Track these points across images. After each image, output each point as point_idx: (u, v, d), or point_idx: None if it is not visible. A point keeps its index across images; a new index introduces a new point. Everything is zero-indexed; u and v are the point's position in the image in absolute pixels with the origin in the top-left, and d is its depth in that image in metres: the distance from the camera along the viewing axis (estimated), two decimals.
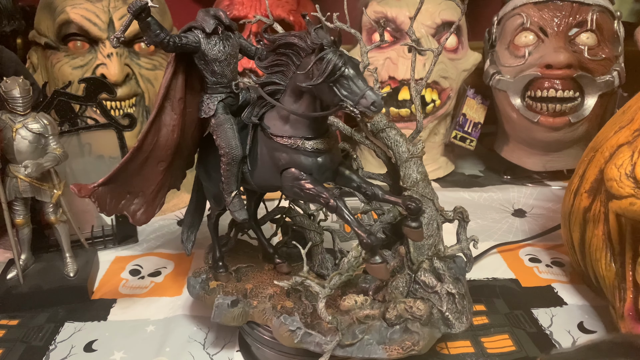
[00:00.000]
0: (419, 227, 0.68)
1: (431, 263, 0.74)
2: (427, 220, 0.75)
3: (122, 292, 0.97)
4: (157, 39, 0.67)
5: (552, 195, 1.34)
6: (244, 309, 0.75)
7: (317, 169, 0.68)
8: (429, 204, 0.76)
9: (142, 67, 1.20)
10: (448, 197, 1.35)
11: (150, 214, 0.82)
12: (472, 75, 1.46)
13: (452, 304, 0.72)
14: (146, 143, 0.74)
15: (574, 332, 0.84)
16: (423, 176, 0.77)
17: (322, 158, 0.67)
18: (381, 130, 0.78)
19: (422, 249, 0.75)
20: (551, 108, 1.28)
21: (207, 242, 1.13)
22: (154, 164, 0.77)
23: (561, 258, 1.05)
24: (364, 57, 0.79)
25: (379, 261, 0.63)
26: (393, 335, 0.68)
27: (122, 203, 0.78)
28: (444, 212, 0.77)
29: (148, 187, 0.79)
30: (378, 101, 0.59)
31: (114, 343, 0.83)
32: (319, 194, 0.66)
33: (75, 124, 1.05)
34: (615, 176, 0.76)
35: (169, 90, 0.73)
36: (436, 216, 0.76)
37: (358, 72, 0.61)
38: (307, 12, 0.71)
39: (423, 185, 0.76)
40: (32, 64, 1.25)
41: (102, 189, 0.75)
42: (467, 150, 1.48)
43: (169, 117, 0.74)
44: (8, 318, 0.89)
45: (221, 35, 0.71)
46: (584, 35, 1.28)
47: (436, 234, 0.75)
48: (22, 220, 0.93)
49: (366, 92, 0.59)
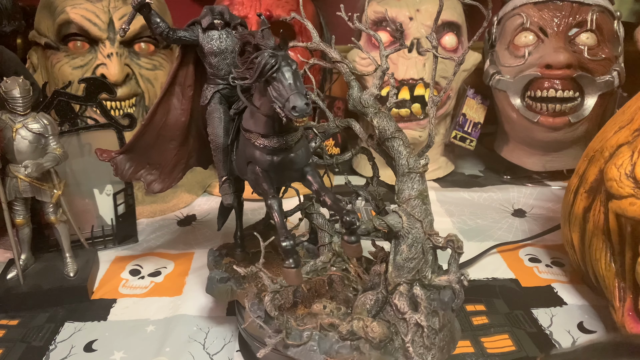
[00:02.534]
0: (353, 242, 0.68)
1: (410, 288, 0.69)
2: (411, 242, 0.69)
3: (122, 292, 0.97)
4: (157, 31, 0.74)
5: (552, 195, 1.34)
6: (232, 288, 0.78)
7: (271, 166, 0.69)
8: (416, 225, 0.69)
9: (142, 67, 1.20)
10: (448, 197, 1.35)
11: (165, 185, 0.88)
12: (472, 75, 1.47)
13: (419, 337, 0.66)
14: (155, 120, 0.82)
15: (574, 332, 0.84)
16: (419, 194, 0.70)
17: (277, 157, 0.69)
18: (387, 139, 0.73)
19: (401, 271, 0.69)
20: (551, 108, 1.28)
21: (207, 242, 1.14)
22: (166, 141, 0.84)
23: (561, 258, 1.05)
24: (383, 61, 0.76)
25: (291, 265, 0.65)
26: (341, 349, 0.66)
27: (141, 172, 0.86)
28: (433, 236, 0.69)
29: (164, 161, 0.86)
30: (299, 106, 0.59)
31: (114, 343, 0.83)
32: (264, 191, 0.69)
33: (75, 124, 1.05)
34: (615, 176, 0.76)
35: (176, 76, 0.80)
36: (422, 239, 0.69)
37: (292, 75, 0.61)
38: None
39: (415, 204, 0.69)
40: (32, 64, 1.25)
41: (123, 157, 0.85)
42: (467, 150, 1.48)
43: (178, 101, 0.81)
44: (8, 318, 0.89)
45: (220, 30, 0.76)
46: (583, 35, 1.28)
47: (420, 258, 0.69)
48: (22, 220, 0.93)
49: (290, 96, 0.60)
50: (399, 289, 0.69)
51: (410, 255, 0.69)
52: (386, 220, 0.69)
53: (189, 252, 1.10)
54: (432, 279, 0.70)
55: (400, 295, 0.68)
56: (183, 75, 0.80)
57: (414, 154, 0.72)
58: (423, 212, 0.70)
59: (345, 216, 0.67)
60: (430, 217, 0.70)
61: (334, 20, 1.47)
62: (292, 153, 0.69)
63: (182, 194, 1.33)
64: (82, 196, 1.10)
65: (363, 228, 0.71)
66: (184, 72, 0.80)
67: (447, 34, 1.36)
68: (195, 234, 1.18)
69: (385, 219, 0.69)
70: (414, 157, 0.71)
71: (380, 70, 0.75)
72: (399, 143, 0.72)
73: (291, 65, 0.62)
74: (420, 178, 0.71)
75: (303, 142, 0.71)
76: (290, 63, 0.62)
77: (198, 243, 1.14)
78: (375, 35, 0.78)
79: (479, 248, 1.07)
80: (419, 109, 1.34)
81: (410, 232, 0.69)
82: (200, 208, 1.32)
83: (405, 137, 0.73)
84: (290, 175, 0.72)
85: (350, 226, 0.67)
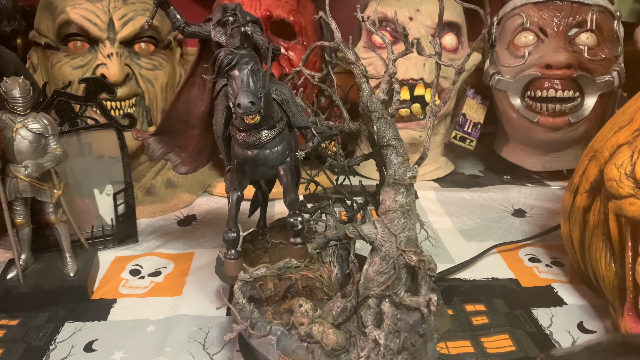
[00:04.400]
0: (296, 244, 0.71)
1: (379, 303, 0.67)
2: (383, 255, 0.67)
3: (122, 292, 0.97)
4: (174, 25, 0.78)
5: (552, 195, 1.34)
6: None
7: (245, 161, 0.73)
8: (391, 239, 0.67)
9: (142, 67, 1.20)
10: (448, 197, 1.35)
11: (191, 168, 0.92)
12: (472, 75, 1.47)
13: (375, 354, 0.64)
14: (177, 107, 0.87)
15: (574, 332, 0.84)
16: (399, 206, 0.67)
17: (251, 152, 0.72)
18: (382, 146, 0.71)
19: (370, 283, 0.68)
20: (551, 108, 1.28)
21: (207, 242, 1.14)
22: (190, 128, 0.89)
23: (561, 258, 1.05)
24: (390, 65, 0.75)
25: (230, 256, 0.72)
26: (298, 349, 0.67)
27: (170, 153, 0.91)
28: (407, 253, 0.66)
29: (189, 146, 0.91)
30: (243, 104, 0.63)
31: (114, 343, 0.83)
32: (230, 182, 0.74)
33: (75, 124, 1.05)
34: (615, 176, 0.76)
35: (197, 67, 0.84)
36: (395, 254, 0.67)
37: (245, 73, 0.64)
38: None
39: (394, 217, 0.67)
40: (32, 64, 1.25)
41: (154, 138, 0.90)
42: (467, 150, 1.48)
43: (199, 91, 0.85)
44: (8, 318, 0.89)
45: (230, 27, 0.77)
46: (583, 35, 1.28)
47: (391, 273, 0.67)
48: (22, 220, 0.92)
49: (238, 93, 0.63)
50: (368, 302, 0.67)
51: (381, 268, 0.67)
52: (360, 229, 0.68)
53: (189, 252, 1.10)
54: (403, 297, 0.67)
55: (368, 309, 0.67)
56: (202, 67, 0.83)
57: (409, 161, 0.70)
58: (401, 226, 0.67)
59: (289, 217, 0.71)
60: (408, 232, 0.67)
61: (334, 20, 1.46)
62: (267, 150, 0.72)
63: (182, 194, 1.33)
64: (82, 196, 1.10)
65: (334, 233, 0.72)
66: (203, 65, 0.83)
67: (447, 34, 1.37)
68: (195, 234, 1.18)
69: (360, 228, 0.69)
70: (403, 168, 0.69)
71: (388, 75, 0.74)
72: (392, 152, 0.70)
73: (248, 63, 0.65)
74: (405, 191, 0.68)
75: (279, 141, 0.73)
76: (247, 62, 0.65)
77: (198, 243, 1.14)
78: (384, 37, 0.78)
79: (479, 248, 1.07)
80: (419, 109, 1.35)
81: (383, 245, 0.67)
82: (201, 208, 1.32)
83: (400, 146, 0.70)
84: (264, 171, 0.75)
85: (292, 227, 0.71)
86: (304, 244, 0.72)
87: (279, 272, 0.71)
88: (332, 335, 0.66)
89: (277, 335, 0.69)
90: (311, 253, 0.72)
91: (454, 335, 0.83)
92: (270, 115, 0.73)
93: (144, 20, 1.17)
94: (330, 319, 0.69)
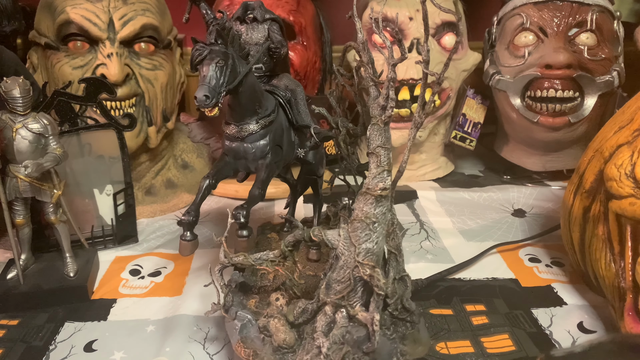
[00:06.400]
0: (240, 237, 0.75)
1: (335, 311, 0.66)
2: (342, 264, 0.66)
3: (122, 292, 0.97)
4: (205, 19, 0.79)
5: (552, 195, 1.34)
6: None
7: (228, 151, 0.78)
8: (350, 249, 0.65)
9: (142, 67, 1.20)
10: (448, 197, 1.35)
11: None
12: (472, 75, 1.47)
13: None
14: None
15: (574, 332, 0.84)
16: (365, 217, 0.65)
17: (232, 144, 0.77)
18: (368, 153, 0.69)
19: (328, 289, 0.67)
20: (551, 108, 1.28)
21: (207, 242, 1.13)
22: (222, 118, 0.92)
23: (561, 258, 1.05)
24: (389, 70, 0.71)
25: (185, 237, 0.76)
26: (255, 339, 0.70)
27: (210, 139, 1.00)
28: (363, 265, 0.65)
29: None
30: (198, 97, 0.67)
31: (114, 343, 0.83)
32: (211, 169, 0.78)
33: (75, 124, 1.05)
34: (615, 176, 0.76)
35: None
36: (352, 266, 0.65)
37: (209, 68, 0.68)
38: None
39: (357, 227, 0.65)
40: (32, 64, 1.25)
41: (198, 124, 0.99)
42: (467, 150, 1.48)
43: None
44: (8, 318, 0.89)
45: (249, 24, 0.83)
46: (583, 35, 1.28)
47: (347, 283, 0.65)
48: (22, 220, 0.92)
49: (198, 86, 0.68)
50: (325, 308, 0.67)
51: (339, 277, 0.66)
52: (324, 233, 0.69)
53: None
54: (356, 311, 0.65)
55: (324, 315, 0.67)
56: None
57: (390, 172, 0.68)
58: (363, 237, 0.65)
59: (234, 210, 0.74)
60: (370, 245, 0.65)
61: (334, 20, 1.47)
62: (247, 143, 0.76)
63: (182, 194, 1.33)
64: (82, 196, 1.10)
65: (300, 234, 0.72)
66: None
67: (447, 34, 1.36)
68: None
69: (324, 232, 0.69)
70: (377, 179, 0.66)
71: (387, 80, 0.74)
72: (374, 160, 0.67)
73: (213, 59, 0.68)
74: (375, 202, 0.65)
75: (261, 137, 0.77)
76: (213, 57, 0.69)
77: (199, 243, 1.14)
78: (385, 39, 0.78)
79: (479, 248, 1.07)
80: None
81: (343, 254, 0.66)
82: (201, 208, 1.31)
83: (384, 156, 0.67)
84: (245, 164, 0.79)
85: (234, 220, 0.74)
86: (246, 237, 0.75)
87: (253, 262, 0.73)
88: (282, 333, 0.68)
89: (243, 323, 0.72)
90: (283, 250, 0.74)
91: (454, 335, 0.83)
92: (254, 110, 0.76)
93: (144, 20, 1.17)
94: (291, 317, 0.70)
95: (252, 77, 0.76)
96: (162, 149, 1.33)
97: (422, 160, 1.47)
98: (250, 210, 0.76)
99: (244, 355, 0.69)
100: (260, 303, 0.77)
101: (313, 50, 1.39)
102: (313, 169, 0.93)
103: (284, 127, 0.83)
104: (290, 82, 0.85)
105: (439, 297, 0.93)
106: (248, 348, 0.69)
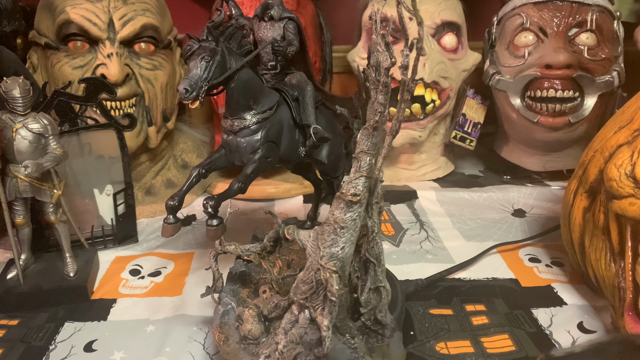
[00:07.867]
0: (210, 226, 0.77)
1: (300, 311, 0.65)
2: (308, 265, 0.65)
3: (122, 292, 0.97)
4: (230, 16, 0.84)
5: (552, 195, 1.34)
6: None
7: (224, 143, 0.81)
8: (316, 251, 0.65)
9: (142, 67, 1.20)
10: (448, 197, 1.35)
11: None
12: (472, 75, 1.46)
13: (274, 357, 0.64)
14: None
15: (574, 332, 0.84)
16: (334, 221, 0.64)
17: (227, 136, 0.80)
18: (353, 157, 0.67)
19: (296, 289, 0.66)
20: (551, 108, 1.28)
21: (207, 242, 1.14)
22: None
23: (561, 258, 1.05)
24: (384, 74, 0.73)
25: (166, 221, 0.78)
26: (232, 326, 0.72)
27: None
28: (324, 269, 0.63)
29: None
30: (179, 90, 0.69)
31: (114, 343, 0.83)
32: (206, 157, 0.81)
33: (75, 124, 1.05)
34: (615, 176, 0.76)
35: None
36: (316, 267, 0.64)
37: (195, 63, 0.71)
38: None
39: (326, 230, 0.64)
40: (32, 64, 1.25)
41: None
42: (467, 150, 1.48)
43: None
44: (8, 318, 0.89)
45: (267, 22, 0.85)
46: (583, 35, 1.28)
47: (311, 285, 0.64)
48: (22, 220, 0.93)
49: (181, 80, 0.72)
50: (292, 307, 0.67)
51: (304, 277, 0.65)
52: (297, 232, 0.69)
53: (189, 252, 1.10)
54: (317, 314, 0.64)
55: (290, 313, 0.67)
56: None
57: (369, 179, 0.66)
58: (329, 241, 0.63)
59: (204, 199, 0.76)
60: (334, 249, 0.63)
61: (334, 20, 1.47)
62: (239, 137, 0.78)
63: None
64: (82, 196, 1.10)
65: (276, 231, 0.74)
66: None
67: (447, 34, 1.36)
68: (195, 234, 1.18)
69: (297, 231, 0.69)
70: (352, 184, 0.64)
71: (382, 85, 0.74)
72: (355, 164, 0.66)
73: (199, 54, 0.71)
74: (345, 207, 0.64)
75: (253, 132, 0.78)
76: (200, 52, 0.71)
77: (198, 243, 1.14)
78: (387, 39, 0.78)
79: (479, 248, 1.07)
80: (419, 109, 1.35)
81: (310, 255, 0.66)
82: (201, 208, 1.31)
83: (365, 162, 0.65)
84: (239, 158, 0.81)
85: (203, 209, 0.76)
86: (215, 227, 0.77)
87: (242, 252, 0.76)
88: (249, 324, 0.69)
89: (225, 309, 0.74)
90: (265, 244, 0.76)
91: (454, 335, 0.83)
92: (247, 105, 0.78)
93: (144, 20, 1.17)
94: (265, 310, 0.71)
95: (247, 73, 0.77)
96: (162, 149, 1.33)
97: (422, 160, 1.47)
98: (220, 202, 0.77)
99: (217, 339, 0.71)
100: (252, 294, 0.79)
101: (313, 50, 1.39)
102: (326, 169, 0.93)
103: (285, 125, 0.83)
104: (301, 81, 0.86)
105: (439, 297, 0.93)
106: (222, 333, 0.71)
